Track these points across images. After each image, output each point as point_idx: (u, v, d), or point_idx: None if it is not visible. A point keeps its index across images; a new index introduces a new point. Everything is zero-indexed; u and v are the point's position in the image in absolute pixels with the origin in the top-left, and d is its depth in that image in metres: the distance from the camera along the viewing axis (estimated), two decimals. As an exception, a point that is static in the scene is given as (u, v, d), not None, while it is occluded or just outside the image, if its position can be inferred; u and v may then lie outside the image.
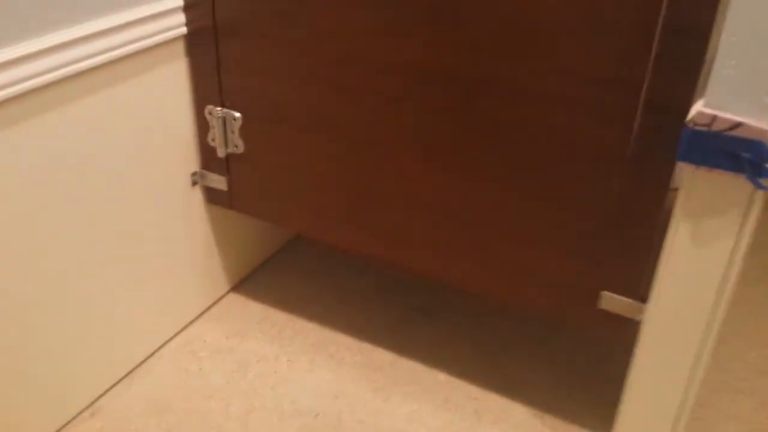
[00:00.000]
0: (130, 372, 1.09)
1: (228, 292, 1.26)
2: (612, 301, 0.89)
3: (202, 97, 1.05)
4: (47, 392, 0.95)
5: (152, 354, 1.12)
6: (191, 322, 1.19)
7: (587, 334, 1.21)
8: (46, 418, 0.96)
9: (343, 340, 1.17)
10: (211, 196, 1.12)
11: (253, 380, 1.09)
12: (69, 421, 0.99)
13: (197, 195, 1.11)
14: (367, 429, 1.01)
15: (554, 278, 0.91)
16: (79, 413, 1.01)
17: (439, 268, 0.98)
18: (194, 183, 1.10)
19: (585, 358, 1.16)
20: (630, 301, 0.88)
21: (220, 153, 1.06)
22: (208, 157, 1.08)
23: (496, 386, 1.10)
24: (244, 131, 1.04)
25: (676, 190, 0.80)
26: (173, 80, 1.02)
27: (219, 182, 1.09)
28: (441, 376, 1.11)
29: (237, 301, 1.24)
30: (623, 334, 0.90)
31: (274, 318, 1.21)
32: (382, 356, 1.14)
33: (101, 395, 1.04)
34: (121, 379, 1.07)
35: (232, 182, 1.08)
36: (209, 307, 1.23)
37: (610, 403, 1.02)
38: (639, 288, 0.87)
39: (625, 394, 0.94)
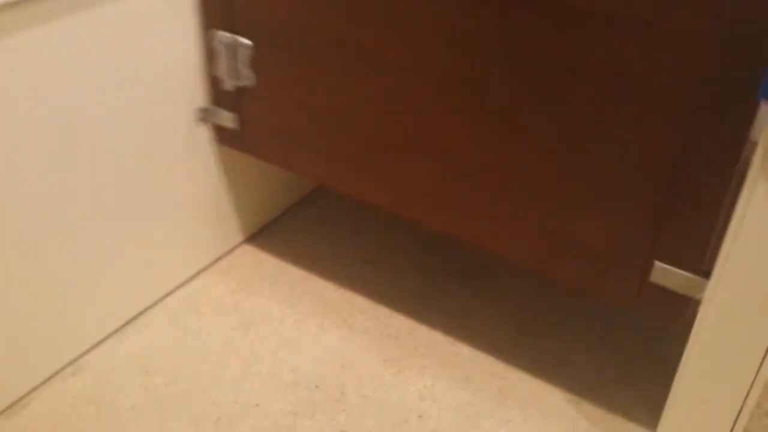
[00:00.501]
0: (122, 327, 1.00)
1: (241, 244, 1.16)
2: (666, 275, 0.72)
3: (208, 20, 0.92)
4: (26, 344, 0.88)
5: (149, 308, 1.03)
6: (196, 275, 1.09)
7: (636, 312, 1.03)
8: (20, 373, 0.89)
9: (359, 302, 1.04)
10: (222, 136, 1.00)
11: (254, 342, 0.98)
12: (47, 379, 0.92)
13: (205, 134, 1.00)
14: (371, 406, 0.89)
15: (599, 246, 0.74)
16: (61, 369, 0.93)
17: (468, 230, 0.83)
18: (201, 120, 0.98)
19: (632, 339, 0.99)
20: (688, 275, 0.70)
21: (228, 85, 0.93)
22: (216, 91, 0.96)
23: (527, 366, 0.95)
24: (256, 62, 0.90)
25: (755, 143, 0.61)
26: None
27: (229, 120, 0.96)
28: (464, 350, 0.97)
29: (250, 253, 1.14)
30: (677, 315, 0.73)
31: (288, 274, 1.09)
32: (399, 323, 1.01)
33: (87, 351, 0.96)
34: (111, 334, 0.99)
35: (244, 120, 0.95)
36: (218, 259, 1.12)
37: (659, 391, 0.85)
38: (700, 260, 0.69)
39: (676, 382, 0.77)
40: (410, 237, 1.16)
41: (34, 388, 0.90)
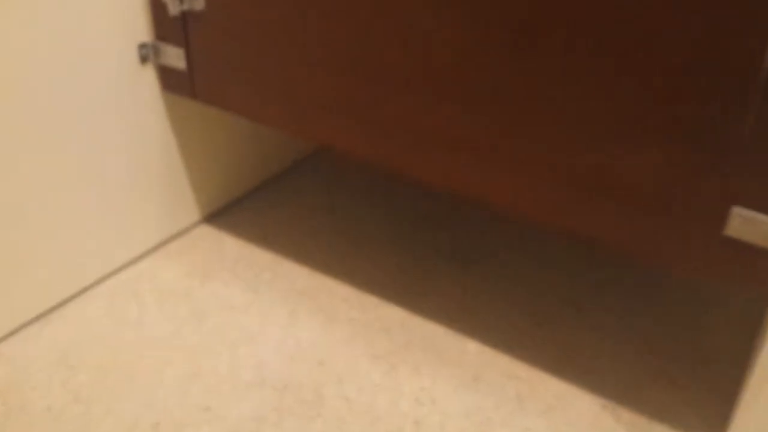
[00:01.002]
0: (45, 313, 0.80)
1: (198, 223, 0.97)
2: (747, 225, 0.55)
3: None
4: None
5: (80, 293, 0.83)
6: (141, 257, 0.90)
7: (690, 291, 0.86)
8: None
9: (340, 290, 0.86)
10: (168, 80, 0.82)
11: (208, 334, 0.78)
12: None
13: (150, 79, 0.82)
14: (356, 411, 0.70)
15: (653, 190, 0.57)
16: (-44, 361, 0.73)
17: (475, 183, 0.65)
18: (143, 59, 0.80)
19: (682, 330, 0.81)
20: (779, 224, 0.54)
21: (173, 10, 0.75)
22: (160, 21, 0.78)
23: (548, 364, 0.76)
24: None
25: None
26: None
27: (176, 57, 0.79)
28: (470, 346, 0.78)
29: (208, 234, 0.95)
30: (760, 279, 0.56)
31: (254, 257, 0.90)
32: (390, 314, 0.82)
33: (3, 338, 0.76)
34: (30, 322, 0.79)
35: (193, 57, 0.77)
36: (169, 239, 0.93)
37: (719, 395, 0.68)
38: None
39: (749, 380, 0.60)
40: (398, 215, 0.98)
41: None
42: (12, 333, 0.77)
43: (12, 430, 0.67)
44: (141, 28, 0.79)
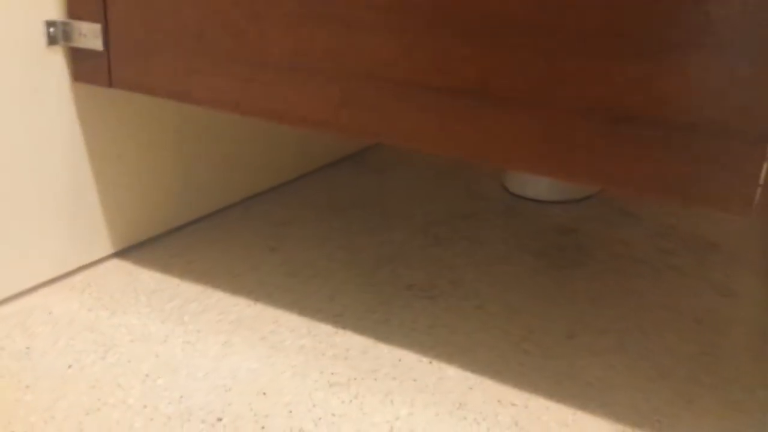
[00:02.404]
0: None
1: (110, 257, 0.80)
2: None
3: None
4: None
5: (-54, 323, 0.65)
6: (33, 289, 0.72)
7: (705, 311, 0.75)
8: None
9: (285, 319, 0.70)
10: (81, 65, 0.69)
11: (114, 365, 0.61)
12: None
13: (57, 67, 0.69)
14: (315, 442, 0.53)
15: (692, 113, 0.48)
16: None
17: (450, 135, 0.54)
18: (51, 41, 0.67)
19: (697, 350, 0.70)
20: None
21: (91, -25, 0.65)
22: (73, -7, 0.67)
23: (547, 388, 0.63)
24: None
25: None
26: None
27: (92, 36, 0.66)
28: (450, 371, 0.64)
29: (121, 268, 0.78)
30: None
31: (178, 290, 0.74)
32: (348, 341, 0.67)
33: None
34: None
35: (111, 32, 0.66)
36: (71, 272, 0.76)
37: (743, 417, 0.57)
38: None
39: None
40: (348, 252, 0.85)
41: None
42: None
43: None
44: (48, 2, 0.67)
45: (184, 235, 0.87)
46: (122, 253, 0.81)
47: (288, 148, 1.06)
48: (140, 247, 0.83)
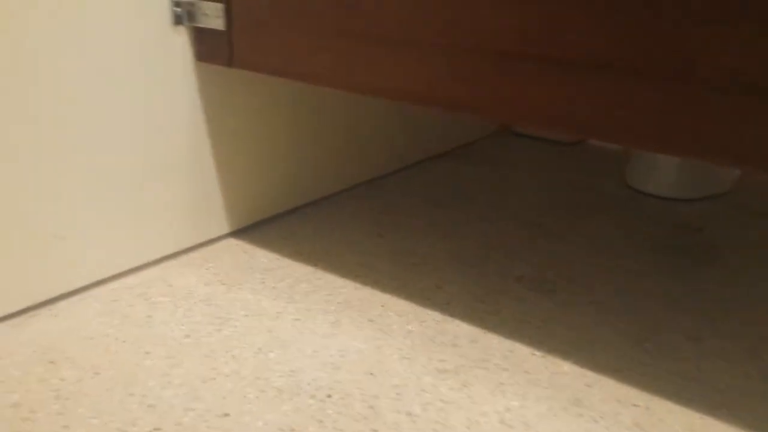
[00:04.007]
0: (34, 307, 0.65)
1: (226, 236, 0.82)
2: None
3: None
4: None
5: (80, 290, 0.68)
6: (154, 262, 0.75)
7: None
8: None
9: (393, 303, 0.70)
10: (203, 45, 0.71)
11: (229, 338, 0.62)
12: None
13: (181, 47, 0.71)
14: (423, 428, 0.52)
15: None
16: None
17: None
18: (177, 21, 0.70)
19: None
20: None
21: (219, -42, 0.66)
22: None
23: (670, 390, 0.59)
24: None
25: None
26: None
27: (214, 15, 0.68)
28: (565, 367, 0.61)
29: (236, 247, 0.80)
30: None
31: (289, 269, 0.75)
32: (457, 329, 0.66)
33: (-39, 326, 0.60)
34: (14, 314, 0.63)
35: (234, 12, 0.67)
36: (190, 249, 0.79)
37: None
38: None
39: None
40: (457, 243, 0.84)
41: None
42: (-14, 326, 0.62)
43: (-38, 429, 0.49)
44: (181, -16, 0.69)
45: (296, 218, 0.88)
46: (237, 233, 0.83)
47: (396, 139, 1.06)
48: (254, 228, 0.85)
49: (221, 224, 0.81)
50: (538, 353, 0.63)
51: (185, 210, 0.76)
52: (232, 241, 0.81)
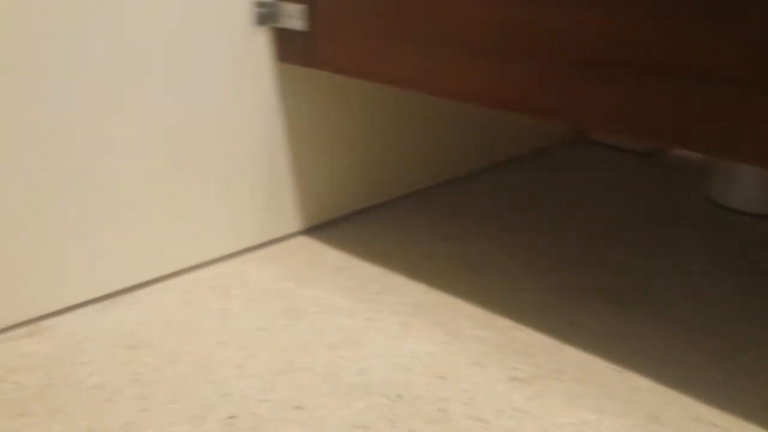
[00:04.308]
0: (114, 294, 0.67)
1: (298, 233, 0.84)
2: None
3: None
4: None
5: (159, 280, 0.70)
6: (228, 256, 0.77)
7: None
8: None
9: (463, 307, 0.69)
10: (285, 45, 0.72)
11: (302, 333, 0.63)
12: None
13: (262, 47, 0.73)
14: (496, 433, 0.51)
15: None
16: (11, 328, 0.60)
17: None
18: (259, 21, 0.71)
19: None
20: None
21: (307, -41, 0.67)
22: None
23: (750, 412, 0.56)
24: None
25: None
26: None
27: (297, 16, 0.69)
28: (642, 383, 0.59)
29: (308, 245, 0.81)
30: None
31: (359, 269, 0.76)
32: (528, 338, 0.65)
33: (52, 314, 0.63)
34: (95, 300, 0.66)
35: (316, 13, 0.68)
36: (263, 244, 0.80)
37: None
38: None
39: None
40: (526, 248, 0.82)
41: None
42: (69, 309, 0.64)
43: (55, 403, 0.52)
44: (267, -15, 0.71)
45: (367, 218, 0.89)
46: (309, 231, 0.84)
47: (469, 142, 1.05)
48: (325, 227, 0.86)
49: (294, 222, 0.82)
50: (614, 367, 0.61)
51: (260, 206, 0.78)
52: (304, 239, 0.82)
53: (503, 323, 0.67)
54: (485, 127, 1.06)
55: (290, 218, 0.82)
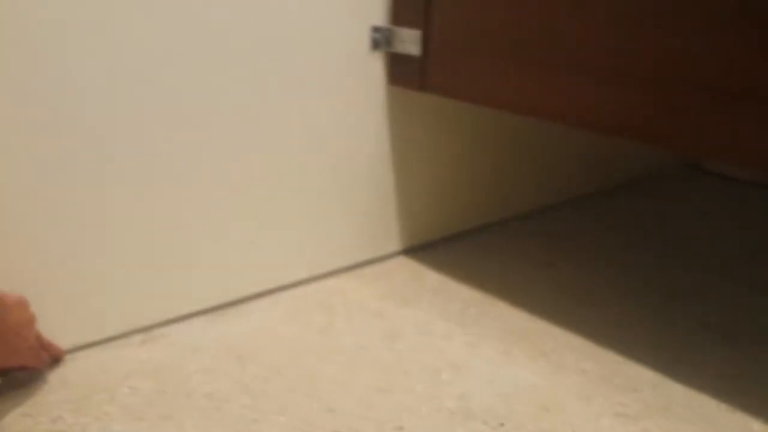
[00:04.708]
0: (222, 306, 0.70)
1: (397, 253, 0.85)
2: None
3: None
4: (97, 298, 0.60)
5: (264, 294, 0.73)
6: (331, 273, 0.78)
7: None
8: (83, 326, 0.61)
9: (566, 338, 0.68)
10: (397, 69, 0.74)
11: (403, 353, 0.63)
12: (108, 339, 0.62)
13: (376, 70, 0.74)
14: (602, 470, 0.50)
15: None
16: (127, 334, 0.64)
17: None
18: (375, 46, 0.73)
19: None
20: None
21: (421, -14, 0.69)
22: (399, 2, 0.72)
23: None
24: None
25: None
26: None
27: (411, 41, 0.71)
28: (755, 426, 0.56)
29: (407, 266, 0.82)
30: None
31: (458, 293, 0.76)
32: (636, 373, 0.63)
33: (165, 323, 0.66)
34: (205, 311, 0.69)
35: (430, 38, 0.69)
36: (364, 263, 0.81)
37: None
38: None
39: None
40: (631, 279, 0.80)
41: (87, 345, 0.61)
42: (181, 319, 0.67)
43: (167, 409, 0.54)
44: (375, 8, 0.72)
45: (466, 241, 0.89)
46: (408, 252, 0.85)
47: (574, 167, 1.03)
48: (424, 248, 0.86)
49: (394, 242, 0.84)
50: (725, 407, 0.58)
51: (363, 226, 0.79)
52: (403, 260, 0.83)
53: (609, 357, 0.65)
54: (591, 152, 1.04)
55: (391, 238, 0.83)
